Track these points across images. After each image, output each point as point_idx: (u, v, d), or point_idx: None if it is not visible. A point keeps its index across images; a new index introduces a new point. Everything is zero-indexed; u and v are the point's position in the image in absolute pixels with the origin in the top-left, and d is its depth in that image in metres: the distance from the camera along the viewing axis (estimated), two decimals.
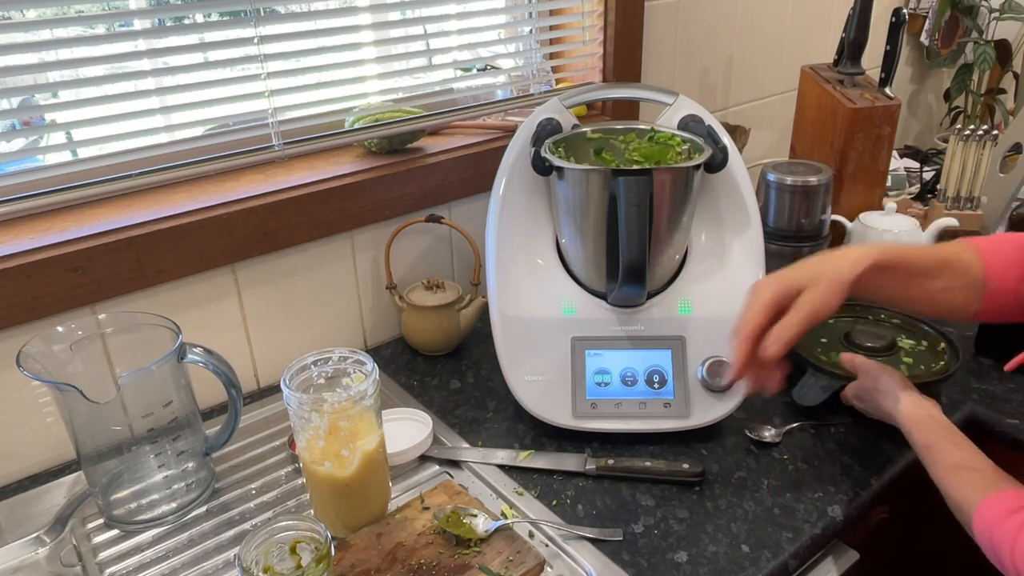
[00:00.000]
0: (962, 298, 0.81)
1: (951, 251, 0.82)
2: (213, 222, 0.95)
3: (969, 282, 0.80)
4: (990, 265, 0.80)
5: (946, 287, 0.80)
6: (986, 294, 0.80)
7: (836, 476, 0.88)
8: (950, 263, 0.81)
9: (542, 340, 0.93)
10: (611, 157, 0.98)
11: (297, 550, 0.66)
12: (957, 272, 0.80)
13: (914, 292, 0.81)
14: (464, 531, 0.76)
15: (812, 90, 1.37)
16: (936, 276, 0.80)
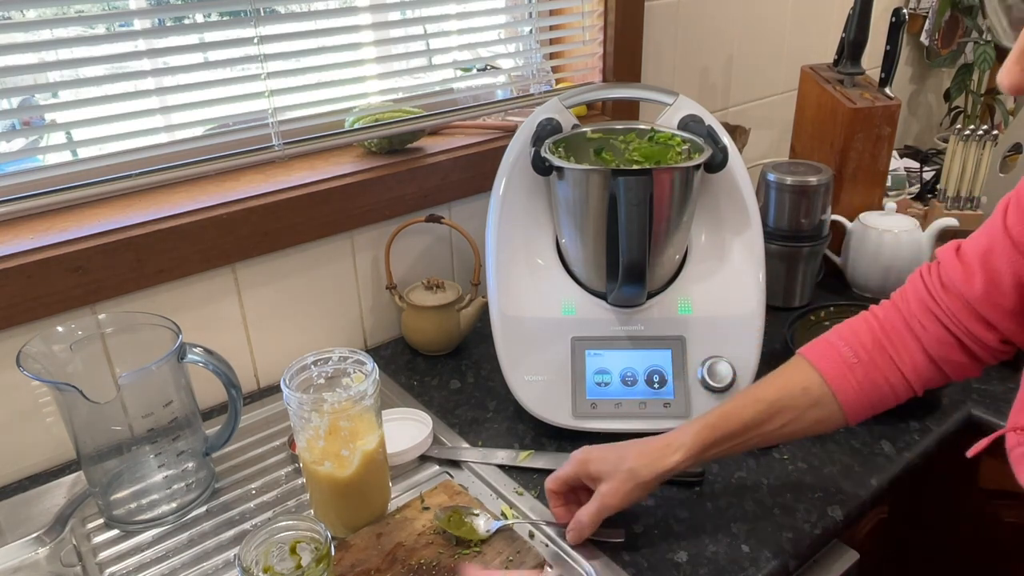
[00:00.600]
0: (817, 417, 0.76)
1: (776, 386, 0.77)
2: (213, 222, 0.95)
3: (812, 401, 0.75)
4: (826, 373, 0.76)
5: (791, 420, 0.76)
6: (842, 403, 0.75)
7: (836, 476, 0.88)
8: (777, 403, 0.76)
9: (542, 340, 0.93)
10: (611, 157, 0.98)
11: (297, 550, 0.66)
12: (796, 404, 0.76)
13: (758, 442, 0.77)
14: (465, 531, 0.76)
15: (812, 90, 1.37)
16: (768, 421, 0.76)
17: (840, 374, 0.76)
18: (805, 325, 1.11)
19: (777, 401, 0.76)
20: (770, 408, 0.76)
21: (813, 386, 0.76)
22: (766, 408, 0.76)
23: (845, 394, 0.75)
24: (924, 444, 0.93)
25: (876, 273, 1.25)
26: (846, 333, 0.79)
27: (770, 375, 0.79)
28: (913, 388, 0.77)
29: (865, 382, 0.76)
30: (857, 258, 1.27)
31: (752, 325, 0.94)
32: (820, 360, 0.77)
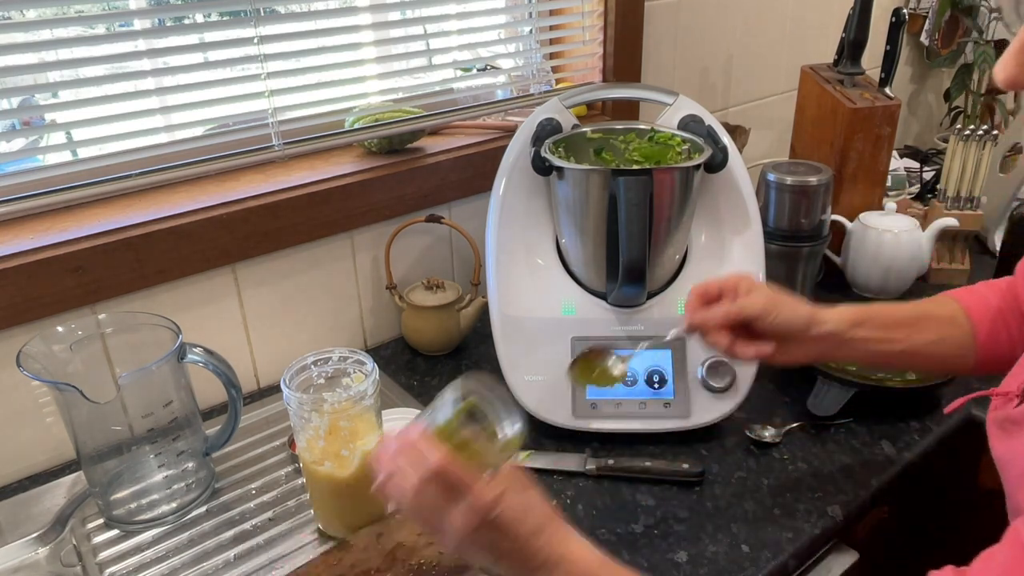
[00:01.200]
0: (955, 350, 0.78)
1: (923, 303, 0.80)
2: (213, 222, 0.95)
3: (958, 334, 0.78)
4: (974, 314, 0.78)
5: (935, 340, 0.78)
6: (977, 346, 0.78)
7: (836, 476, 0.88)
8: (931, 315, 0.79)
9: (542, 340, 0.93)
10: (611, 157, 0.98)
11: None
12: (941, 323, 0.78)
13: (900, 346, 0.78)
14: (598, 378, 0.72)
15: (812, 90, 1.37)
16: (919, 328, 0.78)
17: (980, 312, 0.78)
18: None
19: (925, 312, 0.79)
20: (918, 312, 0.78)
21: (958, 315, 0.79)
22: (913, 311, 0.78)
23: (981, 331, 0.78)
24: (924, 444, 0.93)
25: (876, 273, 1.25)
26: (981, 289, 0.81)
27: (914, 303, 0.82)
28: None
29: (993, 330, 0.78)
30: (857, 258, 1.27)
31: None
32: (963, 296, 0.80)
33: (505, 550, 0.61)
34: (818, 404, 0.96)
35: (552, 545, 0.61)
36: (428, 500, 0.60)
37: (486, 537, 0.60)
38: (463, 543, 0.61)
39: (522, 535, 0.60)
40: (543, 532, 0.61)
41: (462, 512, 0.59)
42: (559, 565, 0.61)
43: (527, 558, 0.61)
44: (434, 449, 0.59)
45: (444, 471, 0.59)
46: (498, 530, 0.60)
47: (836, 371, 0.99)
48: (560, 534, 0.62)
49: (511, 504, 0.60)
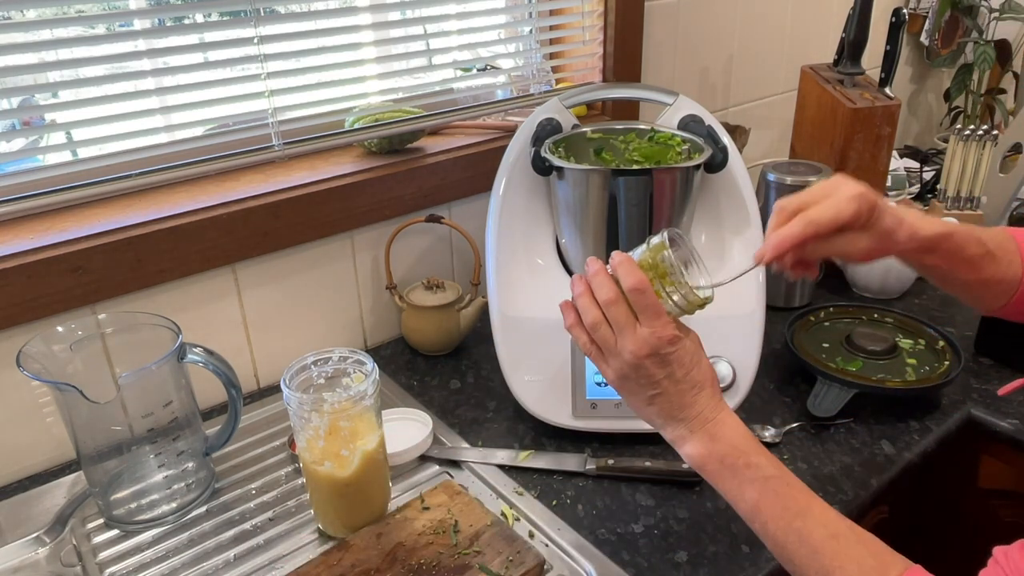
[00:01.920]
0: (995, 292, 0.74)
1: (996, 242, 0.74)
2: (213, 222, 0.95)
3: (1006, 277, 0.73)
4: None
5: (995, 255, 0.73)
6: (1016, 294, 0.74)
7: (836, 476, 0.88)
8: (989, 239, 0.73)
9: (542, 340, 0.93)
10: (611, 157, 0.98)
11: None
12: (999, 243, 0.74)
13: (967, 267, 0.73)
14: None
15: (812, 90, 1.37)
16: (983, 267, 0.73)
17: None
18: (805, 325, 1.11)
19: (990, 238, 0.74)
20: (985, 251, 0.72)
21: (1014, 266, 0.73)
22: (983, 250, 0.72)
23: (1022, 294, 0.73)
24: (924, 444, 0.93)
25: (876, 273, 1.25)
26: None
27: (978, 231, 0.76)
28: None
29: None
30: None
31: (752, 325, 0.94)
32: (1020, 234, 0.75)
33: (665, 390, 0.65)
34: (818, 404, 0.96)
35: (709, 403, 0.65)
36: (614, 315, 0.65)
37: (652, 370, 0.64)
38: (629, 370, 0.65)
39: (686, 381, 0.65)
40: (704, 389, 0.66)
41: (642, 336, 0.64)
42: (709, 422, 0.65)
43: (683, 405, 0.65)
44: (637, 271, 0.64)
45: (643, 291, 0.64)
46: (666, 367, 0.64)
47: (836, 371, 0.99)
48: (718, 398, 0.67)
49: (687, 349, 0.66)
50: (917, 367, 1.01)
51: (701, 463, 0.65)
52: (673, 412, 0.66)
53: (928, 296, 1.28)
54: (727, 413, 0.66)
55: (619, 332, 0.65)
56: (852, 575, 0.59)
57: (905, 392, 0.97)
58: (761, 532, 0.63)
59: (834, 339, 1.08)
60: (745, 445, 0.64)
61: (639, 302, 0.64)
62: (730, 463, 0.64)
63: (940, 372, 0.99)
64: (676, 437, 0.67)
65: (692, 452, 0.66)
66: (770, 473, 0.63)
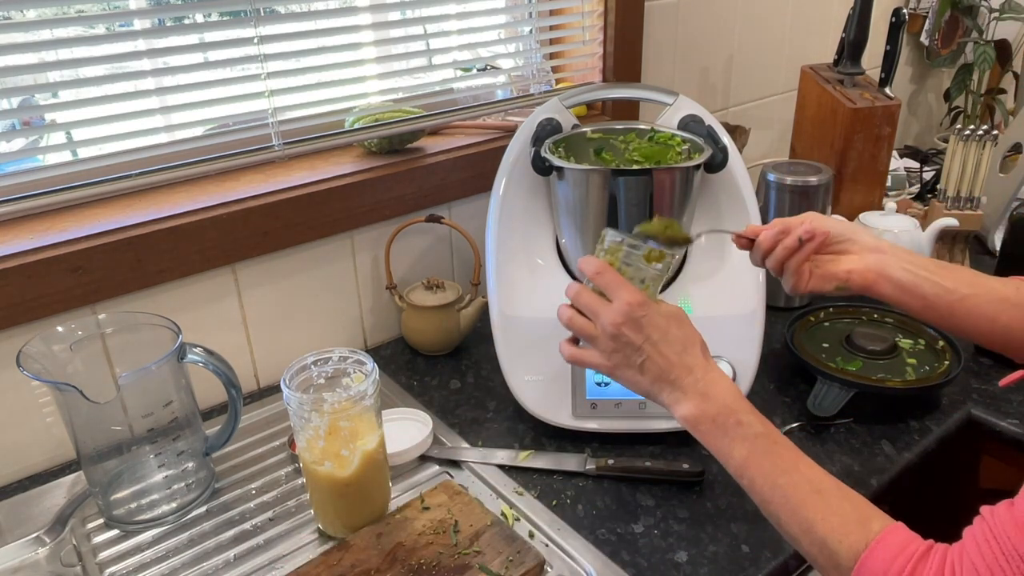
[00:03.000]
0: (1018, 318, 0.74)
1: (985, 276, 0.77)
2: (213, 222, 0.95)
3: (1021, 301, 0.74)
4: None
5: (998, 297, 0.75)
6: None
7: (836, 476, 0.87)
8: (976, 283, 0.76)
9: (542, 340, 0.93)
10: (611, 157, 0.98)
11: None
12: (1007, 282, 0.75)
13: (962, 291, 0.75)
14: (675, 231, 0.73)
15: (812, 90, 1.37)
16: (983, 279, 0.76)
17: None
18: (805, 325, 1.11)
19: (979, 275, 0.77)
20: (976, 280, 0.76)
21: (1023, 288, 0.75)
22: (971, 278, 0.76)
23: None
24: (924, 444, 0.93)
25: None
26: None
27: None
28: None
29: None
30: None
31: (752, 325, 0.94)
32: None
33: (649, 354, 0.68)
34: (818, 404, 0.96)
35: (698, 361, 0.68)
36: (585, 302, 0.70)
37: (631, 336, 0.68)
38: (611, 344, 0.69)
39: (666, 342, 0.67)
40: (688, 348, 0.68)
41: (613, 308, 0.68)
42: (700, 381, 0.67)
43: (671, 365, 0.68)
44: (593, 259, 0.71)
45: (601, 272, 0.69)
46: (643, 330, 0.68)
47: (836, 371, 0.99)
48: (707, 358, 0.69)
49: (660, 311, 0.69)
50: (917, 367, 1.01)
51: (695, 423, 0.67)
52: (663, 374, 0.68)
53: None
54: (718, 373, 0.69)
55: (594, 316, 0.70)
56: (834, 526, 0.60)
57: (905, 392, 0.97)
58: (749, 488, 0.66)
59: (834, 339, 1.08)
60: (736, 404, 0.67)
61: (602, 282, 0.69)
62: (721, 422, 0.66)
63: (940, 372, 0.99)
64: (671, 401, 0.69)
65: (686, 413, 0.68)
66: (759, 431, 0.65)
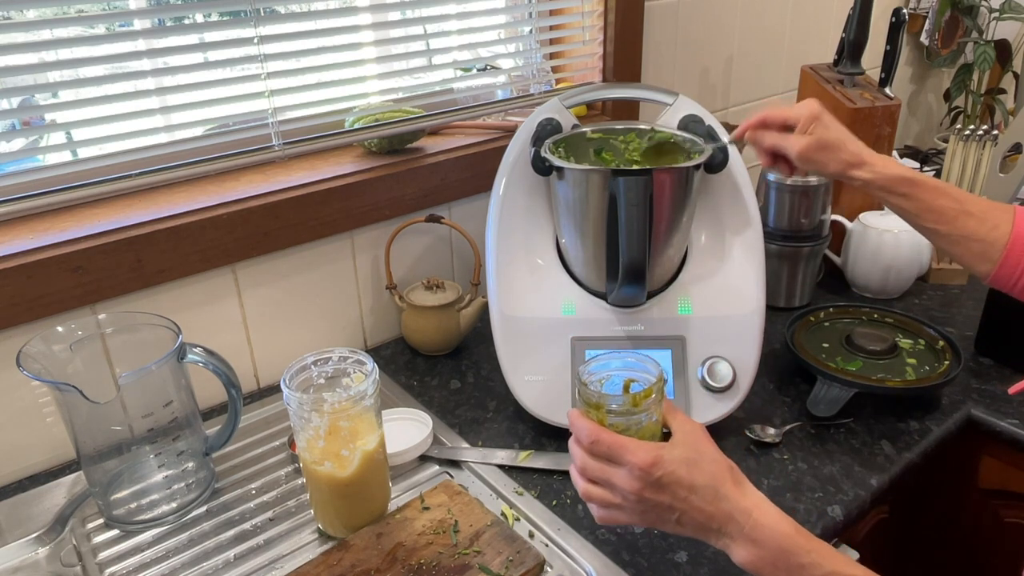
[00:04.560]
0: (974, 252, 0.79)
1: (979, 204, 0.80)
2: (213, 222, 0.95)
3: (987, 239, 0.78)
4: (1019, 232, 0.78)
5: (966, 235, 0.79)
6: (1002, 259, 0.78)
7: (836, 476, 0.88)
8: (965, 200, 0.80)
9: (542, 340, 0.93)
10: (611, 157, 0.98)
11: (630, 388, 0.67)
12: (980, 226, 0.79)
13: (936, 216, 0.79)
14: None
15: (812, 90, 1.37)
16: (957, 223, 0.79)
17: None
18: (805, 325, 1.11)
19: (971, 199, 0.80)
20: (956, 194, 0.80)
21: (1003, 224, 0.79)
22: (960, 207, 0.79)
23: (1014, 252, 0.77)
24: (924, 444, 0.93)
25: (876, 273, 1.25)
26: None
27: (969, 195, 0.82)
28: None
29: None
30: (857, 258, 1.27)
31: (752, 325, 0.94)
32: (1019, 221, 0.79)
33: (681, 510, 0.61)
34: (818, 404, 0.96)
35: (733, 503, 0.61)
36: (594, 474, 0.63)
37: (657, 499, 0.61)
38: (640, 507, 0.62)
39: (696, 493, 0.61)
40: (719, 488, 0.61)
41: (624, 478, 0.61)
42: (745, 525, 0.60)
43: (709, 516, 0.61)
44: (583, 424, 0.63)
45: (596, 442, 0.62)
46: (666, 490, 0.61)
47: (836, 371, 0.99)
48: (741, 490, 0.62)
49: (675, 459, 0.61)
50: (917, 367, 1.01)
51: (755, 570, 0.61)
52: (703, 526, 0.62)
53: (928, 296, 1.28)
54: (760, 510, 0.61)
55: (609, 488, 0.63)
56: None
57: (905, 392, 0.97)
58: None
59: (834, 339, 1.08)
60: (789, 544, 0.60)
61: (601, 451, 0.63)
62: (783, 566, 0.60)
63: (940, 372, 0.99)
64: (722, 547, 0.63)
65: (743, 560, 0.61)
66: (826, 570, 0.59)
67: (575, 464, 0.65)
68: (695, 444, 0.63)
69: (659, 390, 0.65)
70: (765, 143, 0.87)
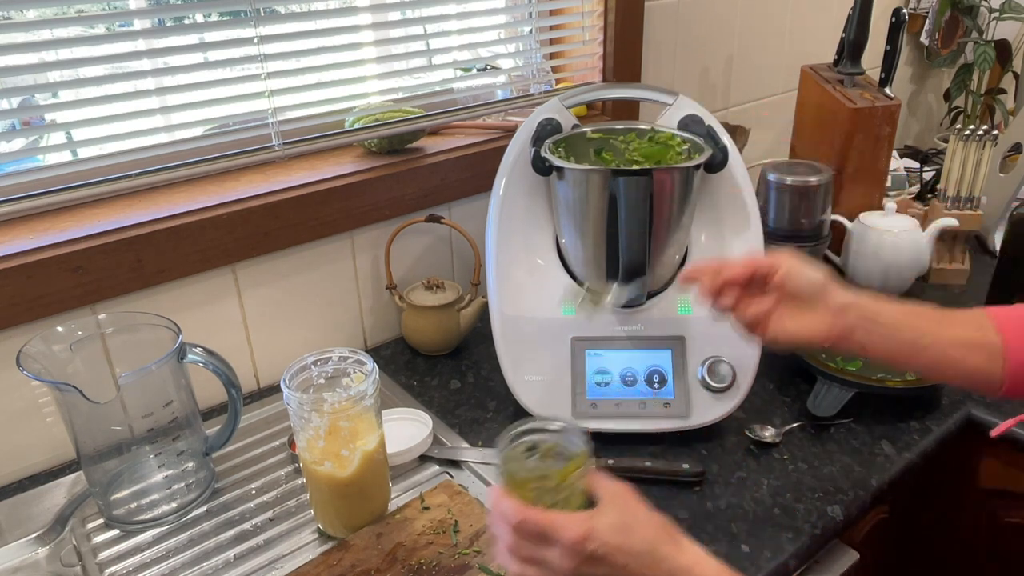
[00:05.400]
0: (978, 361, 0.70)
1: (945, 311, 0.73)
2: (213, 222, 0.95)
3: (979, 339, 0.70)
4: (1002, 326, 0.70)
5: (961, 342, 0.70)
6: (1008, 356, 0.69)
7: (836, 476, 0.88)
8: (942, 318, 0.72)
9: (542, 340, 0.93)
10: (611, 157, 0.98)
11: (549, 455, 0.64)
12: (968, 323, 0.71)
13: (911, 354, 0.71)
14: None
15: (812, 90, 1.37)
16: (944, 323, 0.71)
17: (1017, 331, 0.69)
18: None
19: (944, 317, 0.71)
20: (936, 328, 0.70)
21: (987, 328, 0.70)
22: (931, 326, 0.70)
23: (1015, 351, 0.69)
24: (924, 444, 0.93)
25: (876, 273, 1.25)
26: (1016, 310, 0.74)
27: (942, 312, 0.74)
28: None
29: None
30: (857, 258, 1.27)
31: None
32: (998, 313, 0.72)
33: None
34: (818, 404, 0.96)
35: (671, 562, 0.59)
36: (525, 554, 0.60)
37: (594, 570, 0.58)
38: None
39: (633, 558, 0.59)
40: (657, 550, 0.59)
41: (559, 556, 0.58)
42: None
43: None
44: (507, 505, 0.59)
45: (523, 521, 0.58)
46: (602, 561, 0.58)
47: (836, 371, 0.99)
48: (677, 548, 0.60)
49: (606, 527, 0.59)
50: None
51: None
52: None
53: (928, 296, 1.28)
54: (697, 564, 0.60)
55: (543, 564, 0.60)
56: None
57: (905, 392, 0.97)
58: None
59: None
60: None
61: (528, 531, 0.59)
62: None
63: None
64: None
65: None
66: None
67: (504, 544, 0.61)
68: (624, 507, 0.61)
69: (585, 462, 0.63)
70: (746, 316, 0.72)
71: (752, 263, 0.72)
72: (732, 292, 0.72)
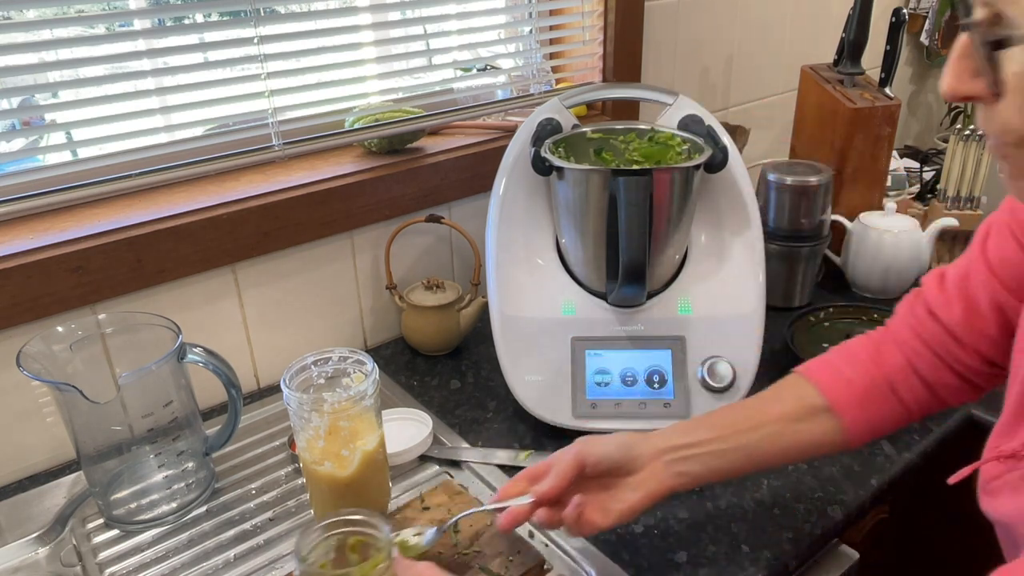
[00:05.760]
0: (813, 432, 0.71)
1: (765, 397, 0.75)
2: (213, 222, 0.95)
3: (808, 411, 0.72)
4: (824, 386, 0.72)
5: (781, 430, 0.71)
6: (840, 415, 0.71)
7: (836, 476, 0.88)
8: (763, 411, 0.73)
9: (542, 340, 0.93)
10: (611, 157, 0.98)
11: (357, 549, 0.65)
12: (782, 413, 0.72)
13: (746, 456, 0.71)
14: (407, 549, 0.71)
15: (812, 90, 1.37)
16: (753, 430, 0.71)
17: (838, 388, 0.72)
18: (805, 325, 1.11)
19: (764, 409, 0.73)
20: (754, 414, 0.73)
21: (808, 396, 0.73)
22: (748, 414, 0.73)
23: (845, 410, 0.72)
24: (924, 444, 0.93)
25: (876, 273, 1.25)
26: (844, 353, 0.76)
27: (759, 393, 0.76)
28: (911, 413, 0.75)
29: (865, 400, 0.72)
30: (857, 258, 1.27)
31: (752, 325, 0.94)
32: (817, 374, 0.74)
33: None
34: None
35: None
36: None
37: None
38: None
39: None
40: None
41: None
42: None
43: None
44: None
45: None
46: None
47: None
48: None
49: None
50: None
51: None
52: None
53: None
54: None
55: None
56: None
57: None
58: None
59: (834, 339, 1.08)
60: None
61: None
62: None
63: None
64: None
65: None
66: None
67: None
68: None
69: (388, 554, 0.63)
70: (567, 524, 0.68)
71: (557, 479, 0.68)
72: (549, 514, 0.68)
